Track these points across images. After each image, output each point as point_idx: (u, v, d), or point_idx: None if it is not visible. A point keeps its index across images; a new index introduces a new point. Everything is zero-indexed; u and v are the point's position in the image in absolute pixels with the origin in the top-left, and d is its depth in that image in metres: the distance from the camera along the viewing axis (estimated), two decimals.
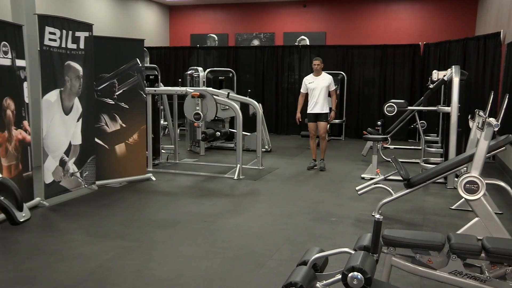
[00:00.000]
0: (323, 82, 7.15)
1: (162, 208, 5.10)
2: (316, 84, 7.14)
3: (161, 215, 4.83)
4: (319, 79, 7.18)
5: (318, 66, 7.19)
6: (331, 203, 5.41)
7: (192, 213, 4.90)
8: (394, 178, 5.61)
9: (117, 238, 4.14)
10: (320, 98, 7.11)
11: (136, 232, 4.29)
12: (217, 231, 4.36)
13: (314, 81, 7.18)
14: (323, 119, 7.15)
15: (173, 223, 4.57)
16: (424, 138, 8.01)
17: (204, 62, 12.55)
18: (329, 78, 7.22)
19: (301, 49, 11.96)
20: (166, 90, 7.76)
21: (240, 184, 6.36)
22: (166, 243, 4.03)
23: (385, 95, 11.24)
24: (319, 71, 7.20)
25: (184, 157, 8.43)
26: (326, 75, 7.27)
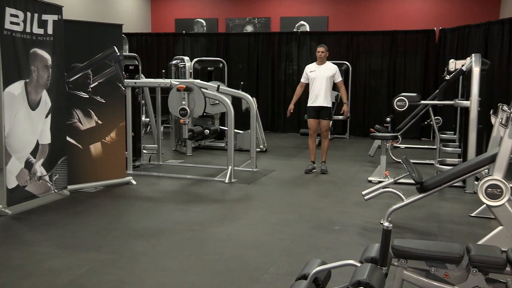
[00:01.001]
0: (326, 72, 7.12)
1: (144, 216, 5.07)
2: (317, 74, 7.12)
3: (142, 224, 4.80)
4: (322, 68, 7.16)
5: (322, 54, 7.16)
6: (334, 210, 5.40)
7: (177, 221, 4.88)
8: (405, 181, 5.61)
9: (91, 250, 4.10)
10: (322, 90, 7.07)
11: (114, 243, 4.26)
12: (205, 241, 4.34)
13: (316, 69, 7.16)
14: (326, 117, 7.12)
15: (156, 232, 4.54)
16: (439, 136, 8.04)
17: (190, 50, 12.52)
18: (334, 68, 7.19)
19: (300, 36, 11.96)
20: (148, 82, 7.71)
21: (232, 188, 6.35)
22: (148, 255, 4.01)
23: (395, 88, 11.27)
24: (323, 59, 7.18)
25: (168, 158, 8.40)
26: (331, 64, 7.25)
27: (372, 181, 6.64)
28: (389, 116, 8.91)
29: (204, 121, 9.12)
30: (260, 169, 7.44)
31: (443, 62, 10.38)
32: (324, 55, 7.16)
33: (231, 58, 12.22)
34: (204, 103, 6.57)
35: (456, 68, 7.31)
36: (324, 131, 7.20)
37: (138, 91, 7.47)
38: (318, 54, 7.17)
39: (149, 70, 12.21)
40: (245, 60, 12.34)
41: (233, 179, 6.67)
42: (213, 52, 12.24)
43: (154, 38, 12.85)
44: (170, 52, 12.54)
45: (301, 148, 9.64)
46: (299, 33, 12.03)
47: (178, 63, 9.34)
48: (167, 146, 9.27)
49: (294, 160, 8.45)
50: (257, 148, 8.45)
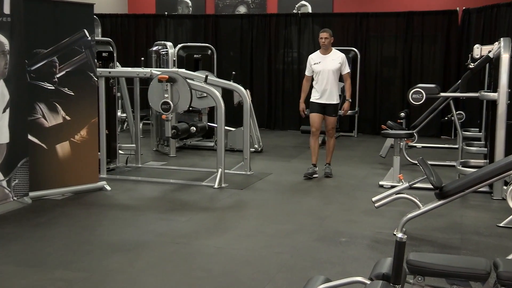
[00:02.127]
0: (333, 62, 7.06)
1: (120, 227, 5.05)
2: (323, 66, 7.05)
3: (118, 236, 4.79)
4: (328, 58, 7.09)
5: (326, 41, 7.07)
6: (340, 219, 5.40)
7: (159, 233, 4.86)
8: (422, 186, 5.62)
9: (58, 267, 4.08)
10: (329, 84, 7.03)
11: (85, 259, 4.24)
12: (192, 256, 4.33)
13: (321, 61, 7.08)
14: (332, 113, 7.12)
15: (134, 246, 4.53)
16: (462, 134, 8.06)
17: (174, 35, 12.50)
18: (341, 57, 7.13)
19: (301, 18, 11.97)
20: (125, 71, 7.69)
21: (222, 194, 6.34)
22: (125, 272, 3.99)
23: (410, 78, 11.30)
24: (327, 47, 7.10)
25: (148, 159, 8.39)
26: (337, 53, 7.19)
27: (383, 186, 6.65)
28: (404, 111, 8.91)
29: (190, 117, 9.10)
30: (255, 172, 7.43)
31: (467, 48, 10.41)
32: (329, 42, 7.07)
33: (221, 44, 12.21)
34: (190, 96, 6.55)
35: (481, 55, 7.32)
36: (330, 129, 7.18)
37: (113, 82, 7.44)
38: (321, 41, 7.08)
39: (126, 57, 12.18)
40: (238, 46, 12.33)
41: (224, 184, 6.66)
42: (200, 37, 12.22)
43: (132, 20, 12.82)
44: (150, 36, 12.52)
45: (302, 148, 9.64)
46: (299, 15, 12.03)
47: (159, 50, 9.31)
48: (147, 145, 9.25)
49: (294, 162, 8.44)
50: (251, 148, 8.44)
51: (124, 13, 13.34)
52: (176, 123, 7.95)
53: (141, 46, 12.42)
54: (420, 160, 4.89)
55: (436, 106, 8.52)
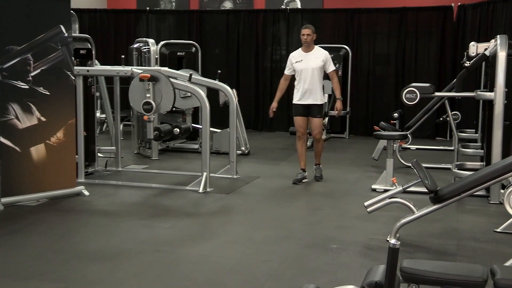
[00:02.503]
0: (316, 60, 7.01)
1: (99, 234, 5.03)
2: (305, 64, 7.01)
3: (96, 244, 4.76)
4: (310, 56, 7.04)
5: (308, 38, 7.03)
6: (331, 225, 5.41)
7: (140, 240, 4.85)
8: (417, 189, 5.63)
9: (32, 278, 4.05)
10: (312, 84, 6.98)
11: (61, 269, 4.21)
12: (175, 264, 4.32)
13: (303, 59, 7.03)
14: (317, 114, 7.05)
15: (113, 254, 4.51)
16: (457, 135, 8.11)
17: (156, 31, 12.47)
18: (325, 54, 7.08)
19: (289, 14, 11.99)
20: (104, 70, 7.65)
21: (208, 199, 6.33)
22: (104, 283, 3.97)
23: (404, 77, 11.36)
24: (310, 44, 7.07)
25: (129, 162, 8.37)
26: (320, 50, 7.16)
27: (376, 190, 6.67)
28: (397, 111, 8.95)
29: (174, 117, 9.07)
30: (242, 176, 7.42)
31: (462, 46, 10.48)
32: (311, 39, 7.04)
33: (206, 41, 12.19)
34: (173, 96, 6.54)
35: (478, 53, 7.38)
36: (317, 132, 7.07)
37: (91, 81, 7.41)
38: (303, 38, 7.03)
39: (105, 55, 12.13)
40: (223, 43, 12.32)
41: (209, 188, 6.65)
42: (184, 34, 12.21)
43: (111, 16, 12.77)
44: (131, 33, 12.47)
45: (291, 150, 9.64)
46: (288, 11, 12.05)
47: (141, 47, 9.28)
48: (128, 148, 9.22)
49: (282, 164, 8.44)
50: (238, 151, 8.43)
51: (103, 8, 13.29)
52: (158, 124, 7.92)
53: (121, 43, 12.37)
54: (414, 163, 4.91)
55: (430, 106, 8.56)
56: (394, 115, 8.82)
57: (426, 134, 10.99)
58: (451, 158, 8.01)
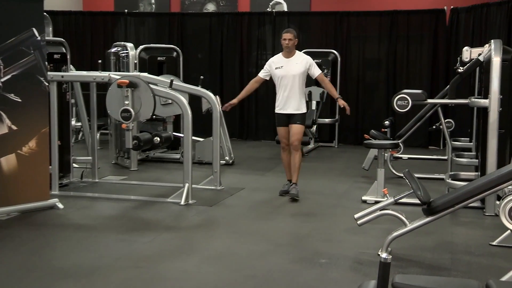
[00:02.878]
0: (297, 67, 6.89)
1: (73, 250, 5.00)
2: (286, 70, 6.87)
3: (71, 260, 4.73)
4: (291, 62, 6.92)
5: (290, 43, 6.90)
6: (320, 238, 5.42)
7: (118, 256, 4.82)
8: (409, 201, 5.66)
9: None
10: (293, 92, 6.87)
11: (34, 286, 4.17)
12: (155, 281, 4.29)
13: (283, 65, 6.91)
14: (298, 120, 6.90)
15: (89, 271, 4.47)
16: (451, 144, 8.16)
17: (135, 35, 12.45)
18: (307, 59, 6.97)
19: (275, 17, 12.04)
20: (80, 76, 7.62)
21: (190, 211, 6.32)
22: None
23: (395, 83, 11.43)
24: (291, 49, 6.94)
25: (107, 173, 8.34)
26: (301, 55, 7.07)
27: (367, 202, 6.69)
28: (388, 119, 8.99)
29: (154, 126, 9.05)
30: (226, 187, 7.42)
31: (456, 50, 10.59)
32: (293, 44, 6.91)
33: (187, 46, 12.20)
34: (153, 103, 6.53)
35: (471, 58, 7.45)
36: (295, 140, 6.87)
37: (66, 87, 7.38)
38: (284, 42, 6.90)
39: (81, 60, 12.09)
40: (206, 48, 12.33)
41: (191, 201, 6.64)
42: (165, 38, 12.20)
43: (87, 18, 12.74)
44: (108, 36, 12.45)
45: (277, 159, 9.61)
46: (274, 14, 12.10)
47: (119, 52, 9.26)
48: (105, 158, 9.18)
49: (268, 175, 8.45)
50: (222, 161, 8.43)
51: (79, 10, 13.27)
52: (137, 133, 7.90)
53: (98, 47, 12.35)
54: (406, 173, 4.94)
55: (423, 114, 8.62)
56: (385, 123, 8.86)
57: (419, 143, 11.05)
58: (444, 168, 8.06)
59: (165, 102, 8.20)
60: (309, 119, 9.94)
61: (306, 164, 9.01)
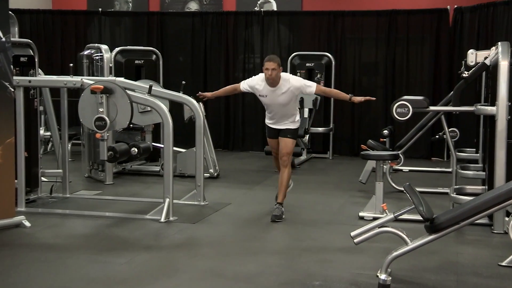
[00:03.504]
0: (283, 97, 6.64)
1: (42, 272, 4.96)
2: (271, 100, 6.69)
3: (39, 284, 4.69)
4: (276, 93, 6.63)
5: (273, 73, 6.50)
6: (313, 258, 5.40)
7: (91, 279, 4.79)
8: (410, 217, 5.67)
9: None
10: (283, 115, 6.78)
11: None
12: None
13: (268, 95, 6.67)
14: (288, 134, 6.82)
15: None
16: (455, 155, 8.18)
17: (110, 36, 12.43)
18: (294, 87, 6.63)
19: (264, 17, 12.06)
20: (49, 80, 7.58)
21: (171, 229, 6.30)
22: None
23: (394, 89, 11.48)
24: (275, 79, 6.56)
25: (79, 188, 8.30)
26: (288, 83, 6.62)
27: (364, 218, 6.70)
28: (387, 128, 9.02)
29: (131, 135, 9.02)
30: (210, 203, 7.40)
31: (460, 54, 10.65)
32: (276, 74, 6.51)
33: (168, 48, 12.21)
34: (130, 111, 6.51)
35: (477, 62, 7.48)
36: (284, 154, 6.77)
37: (34, 93, 7.35)
38: (267, 73, 6.51)
39: (50, 63, 12.08)
40: (188, 50, 12.33)
41: (172, 217, 6.62)
42: (143, 39, 12.20)
43: (57, 18, 12.69)
44: (80, 38, 12.43)
45: (266, 172, 9.65)
46: (262, 14, 12.12)
47: (92, 54, 9.24)
48: (77, 171, 9.15)
49: (257, 189, 8.44)
50: (206, 174, 8.41)
51: (48, 9, 13.22)
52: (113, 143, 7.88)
53: (70, 49, 12.32)
54: (407, 187, 4.95)
55: (425, 123, 8.65)
56: (384, 132, 8.88)
57: (420, 154, 11.10)
58: (448, 181, 8.08)
59: (143, 109, 8.18)
60: (301, 128, 9.94)
61: (298, 177, 9.02)
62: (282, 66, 6.71)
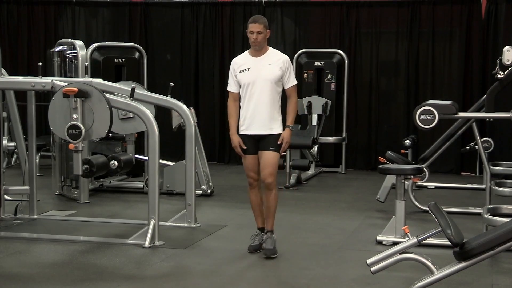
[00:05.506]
0: (270, 69, 6.35)
1: None
2: (254, 74, 6.35)
3: None
4: (262, 62, 6.39)
5: (259, 37, 6.32)
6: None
7: None
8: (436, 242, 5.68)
9: None
10: (263, 104, 6.34)
11: None
12: None
13: (251, 67, 6.37)
14: (270, 146, 6.38)
15: None
16: (489, 169, 8.19)
17: (86, 30, 12.46)
18: (283, 60, 6.42)
19: (265, 8, 12.08)
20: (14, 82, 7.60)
21: (156, 256, 6.30)
22: None
23: (417, 92, 11.50)
24: (262, 45, 6.40)
25: (49, 208, 8.30)
26: (277, 54, 6.49)
27: (382, 243, 6.70)
28: (409, 138, 9.04)
29: (110, 146, 9.03)
30: (202, 225, 7.41)
31: (494, 51, 10.66)
32: (263, 38, 6.35)
33: (153, 44, 12.24)
34: (110, 117, 6.53)
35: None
36: (268, 175, 6.33)
37: None
38: (252, 37, 6.32)
39: (15, 62, 12.11)
40: (177, 47, 12.36)
41: (158, 242, 6.62)
42: (124, 34, 12.23)
43: (23, 9, 12.71)
44: (50, 32, 12.46)
45: None
46: (263, 4, 12.14)
47: (64, 51, 9.26)
48: (47, 188, 9.15)
49: None
50: (198, 191, 8.42)
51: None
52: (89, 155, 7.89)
53: (38, 45, 12.37)
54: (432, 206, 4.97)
55: (453, 131, 8.66)
56: (405, 142, 8.90)
57: (448, 168, 11.11)
58: (481, 200, 8.09)
59: (124, 116, 8.20)
60: (309, 137, 9.99)
61: (305, 194, 9.05)
62: (268, 29, 6.45)
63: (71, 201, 8.74)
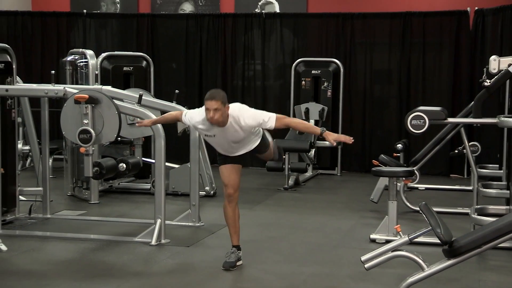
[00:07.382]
0: (239, 134, 5.68)
1: None
2: (222, 139, 5.75)
3: None
4: (228, 131, 5.63)
5: (216, 114, 5.44)
6: (319, 285, 5.41)
7: None
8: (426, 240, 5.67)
9: None
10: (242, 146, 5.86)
11: None
12: None
13: (217, 134, 5.70)
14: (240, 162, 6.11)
15: None
16: (477, 171, 8.19)
17: (96, 40, 12.46)
18: (251, 125, 5.62)
19: (265, 20, 12.08)
20: (28, 89, 7.60)
21: (162, 253, 6.31)
22: None
23: (409, 99, 11.49)
24: (220, 122, 5.53)
25: (61, 208, 8.30)
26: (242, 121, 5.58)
27: (376, 241, 6.70)
28: (401, 142, 9.03)
29: (119, 150, 9.03)
30: (206, 224, 7.41)
31: (482, 60, 10.65)
32: (221, 114, 5.47)
33: (159, 53, 12.23)
34: (118, 123, 6.53)
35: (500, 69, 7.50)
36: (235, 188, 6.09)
37: (11, 103, 7.36)
38: (209, 115, 5.47)
39: (30, 70, 12.08)
40: (182, 56, 12.35)
41: (164, 240, 6.63)
42: (132, 44, 12.22)
43: (37, 20, 12.70)
44: (63, 42, 12.45)
45: (268, 190, 9.66)
46: (264, 16, 12.14)
47: (76, 60, 9.26)
48: (59, 189, 9.15)
49: (258, 209, 8.45)
50: (201, 192, 8.41)
51: (27, 11, 13.23)
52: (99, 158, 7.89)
53: (51, 55, 12.35)
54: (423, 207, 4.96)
55: (443, 136, 8.65)
56: (398, 146, 8.89)
57: (438, 171, 11.10)
58: (469, 201, 8.08)
59: (132, 121, 8.20)
60: (307, 141, 9.99)
61: (303, 196, 9.05)
62: (227, 103, 5.52)
63: (82, 201, 8.75)
